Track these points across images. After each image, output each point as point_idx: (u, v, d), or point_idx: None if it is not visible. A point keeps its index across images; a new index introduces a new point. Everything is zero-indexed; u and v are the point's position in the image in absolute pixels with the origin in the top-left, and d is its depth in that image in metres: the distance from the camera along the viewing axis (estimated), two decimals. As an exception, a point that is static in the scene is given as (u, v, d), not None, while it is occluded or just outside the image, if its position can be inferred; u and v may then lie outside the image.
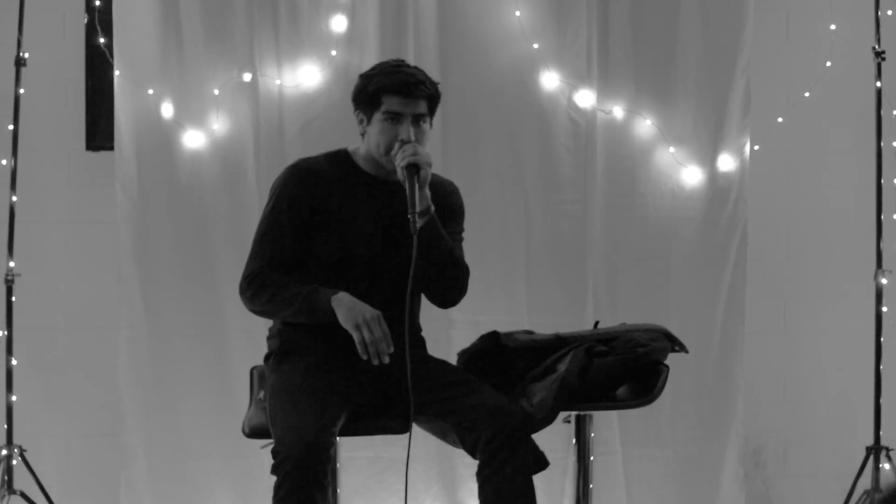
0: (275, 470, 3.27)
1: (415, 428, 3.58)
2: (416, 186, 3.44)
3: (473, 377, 3.59)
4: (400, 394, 3.52)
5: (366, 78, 3.59)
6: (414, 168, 3.44)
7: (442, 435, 3.53)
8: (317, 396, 3.39)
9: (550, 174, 4.77)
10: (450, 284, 3.60)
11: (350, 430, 3.49)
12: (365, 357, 3.40)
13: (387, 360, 3.41)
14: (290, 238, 3.56)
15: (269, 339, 3.69)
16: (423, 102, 3.54)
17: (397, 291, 3.54)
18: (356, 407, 3.50)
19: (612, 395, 3.68)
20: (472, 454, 3.41)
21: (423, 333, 3.78)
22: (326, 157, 3.67)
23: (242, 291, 3.57)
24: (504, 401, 3.45)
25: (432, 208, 3.51)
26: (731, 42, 4.78)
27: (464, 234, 3.74)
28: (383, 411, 3.55)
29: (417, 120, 3.53)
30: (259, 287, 3.53)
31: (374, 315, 3.41)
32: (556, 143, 4.76)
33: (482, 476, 3.38)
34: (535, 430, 3.47)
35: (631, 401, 3.67)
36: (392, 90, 3.52)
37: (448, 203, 3.69)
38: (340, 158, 3.65)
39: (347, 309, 3.42)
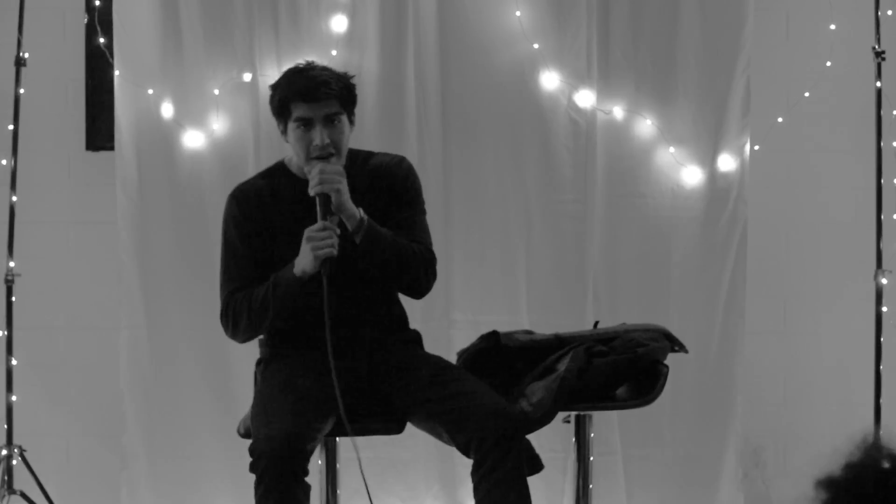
0: (252, 467, 3.29)
1: (415, 428, 3.59)
2: (332, 214, 3.40)
3: (467, 375, 3.58)
4: (393, 395, 3.53)
5: (273, 88, 3.57)
6: (324, 197, 3.40)
7: (437, 434, 3.53)
8: (296, 395, 3.39)
9: (550, 174, 4.76)
10: (412, 279, 3.58)
11: (342, 432, 3.50)
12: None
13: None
14: (248, 264, 3.55)
15: (259, 346, 3.71)
16: (333, 101, 3.50)
17: (359, 289, 3.54)
18: (346, 407, 3.51)
19: (612, 395, 3.68)
20: (466, 454, 3.41)
21: (424, 333, 3.78)
22: (262, 174, 3.68)
23: (225, 330, 3.59)
24: (497, 401, 3.43)
25: (364, 220, 3.46)
26: (731, 42, 4.78)
27: (425, 207, 3.69)
28: (376, 413, 3.56)
29: (330, 120, 3.50)
30: (233, 317, 3.54)
31: (310, 233, 3.39)
32: (556, 143, 4.76)
33: (476, 477, 3.38)
34: (534, 430, 3.47)
35: (631, 401, 3.67)
36: (297, 97, 3.48)
37: (397, 185, 3.65)
38: (276, 172, 3.65)
39: (299, 260, 3.41)
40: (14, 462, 4.49)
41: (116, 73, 4.64)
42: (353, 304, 3.56)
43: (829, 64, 4.95)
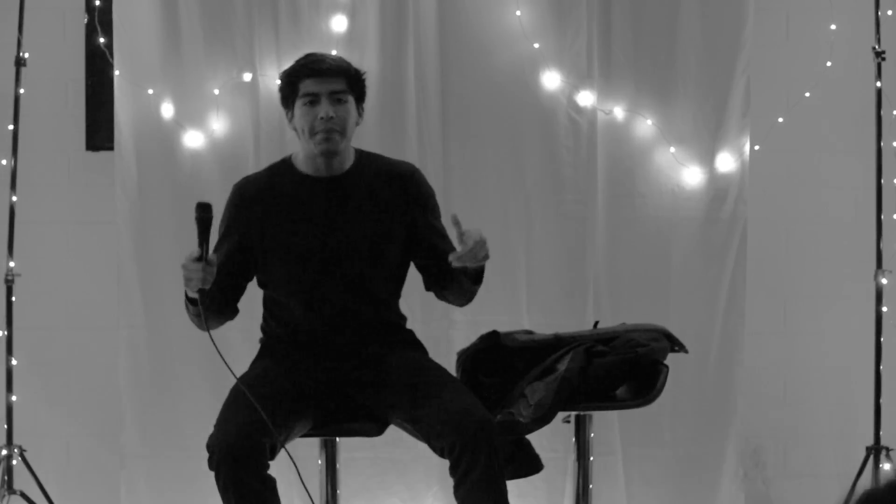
0: (209, 463, 3.31)
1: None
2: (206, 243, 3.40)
3: (441, 376, 3.56)
4: (374, 396, 3.53)
5: (282, 75, 3.63)
6: (201, 225, 3.38)
7: (416, 437, 3.53)
8: (259, 392, 3.40)
9: (551, 174, 4.76)
10: (475, 293, 3.68)
11: (325, 432, 3.52)
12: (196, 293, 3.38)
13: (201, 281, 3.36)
14: (229, 262, 3.56)
15: (259, 343, 3.74)
16: (339, 80, 3.53)
17: (358, 286, 3.55)
18: (322, 408, 3.51)
19: (612, 395, 3.68)
20: (443, 457, 3.42)
21: (424, 333, 3.78)
22: (269, 169, 3.70)
23: None
24: (465, 405, 3.40)
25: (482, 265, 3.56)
26: (731, 42, 4.78)
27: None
28: (359, 414, 3.57)
29: (336, 97, 3.52)
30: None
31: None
32: (556, 143, 4.76)
33: (454, 479, 3.41)
34: (533, 430, 3.48)
35: (631, 401, 3.67)
36: (304, 74, 3.53)
37: (421, 195, 3.68)
38: (282, 167, 3.66)
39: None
40: (14, 462, 4.49)
41: (116, 73, 4.64)
42: (330, 311, 3.56)
43: (829, 64, 4.95)
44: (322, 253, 3.55)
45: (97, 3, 4.74)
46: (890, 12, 4.89)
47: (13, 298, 4.56)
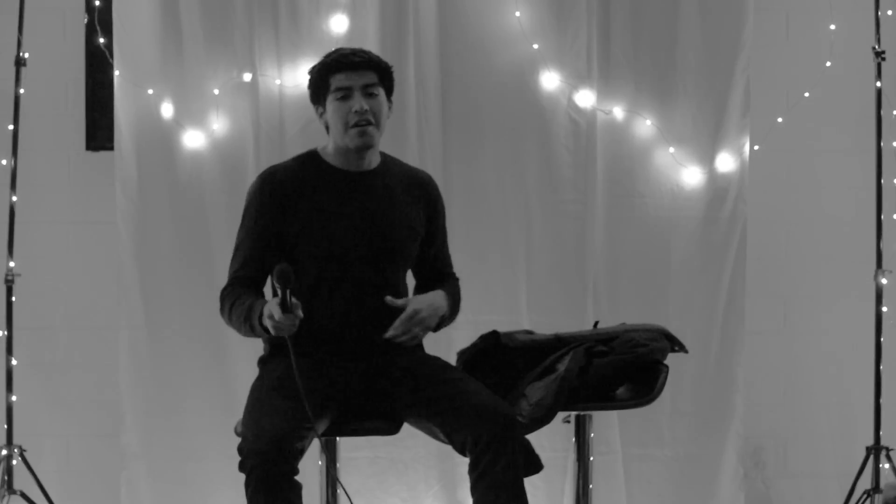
0: (241, 466, 3.30)
1: (415, 428, 3.59)
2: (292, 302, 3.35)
3: (465, 375, 3.58)
4: (390, 395, 3.53)
5: (311, 70, 3.63)
6: (282, 291, 3.31)
7: (433, 434, 3.53)
8: (288, 394, 3.39)
9: (550, 174, 4.77)
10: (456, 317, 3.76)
11: (340, 431, 3.50)
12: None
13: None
14: (259, 251, 3.56)
15: (263, 343, 3.71)
16: (370, 73, 3.55)
17: (381, 281, 3.56)
18: (343, 407, 3.51)
19: (612, 395, 3.68)
20: (462, 454, 3.42)
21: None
22: (296, 160, 3.68)
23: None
24: (492, 401, 3.43)
25: (445, 316, 3.62)
26: (731, 42, 4.79)
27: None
28: (373, 412, 3.56)
29: (368, 90, 3.53)
30: (222, 304, 3.58)
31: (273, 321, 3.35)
32: (556, 143, 4.76)
33: (472, 476, 3.39)
34: (534, 430, 3.47)
35: (631, 401, 3.67)
36: (335, 68, 3.55)
37: (437, 206, 3.75)
38: (310, 159, 3.65)
39: (267, 323, 3.38)
40: (14, 462, 4.49)
41: (116, 73, 4.64)
42: (355, 306, 3.56)
43: (829, 64, 4.95)
44: (354, 245, 3.55)
45: (97, 3, 4.74)
46: (890, 12, 4.89)
47: (13, 298, 4.56)
